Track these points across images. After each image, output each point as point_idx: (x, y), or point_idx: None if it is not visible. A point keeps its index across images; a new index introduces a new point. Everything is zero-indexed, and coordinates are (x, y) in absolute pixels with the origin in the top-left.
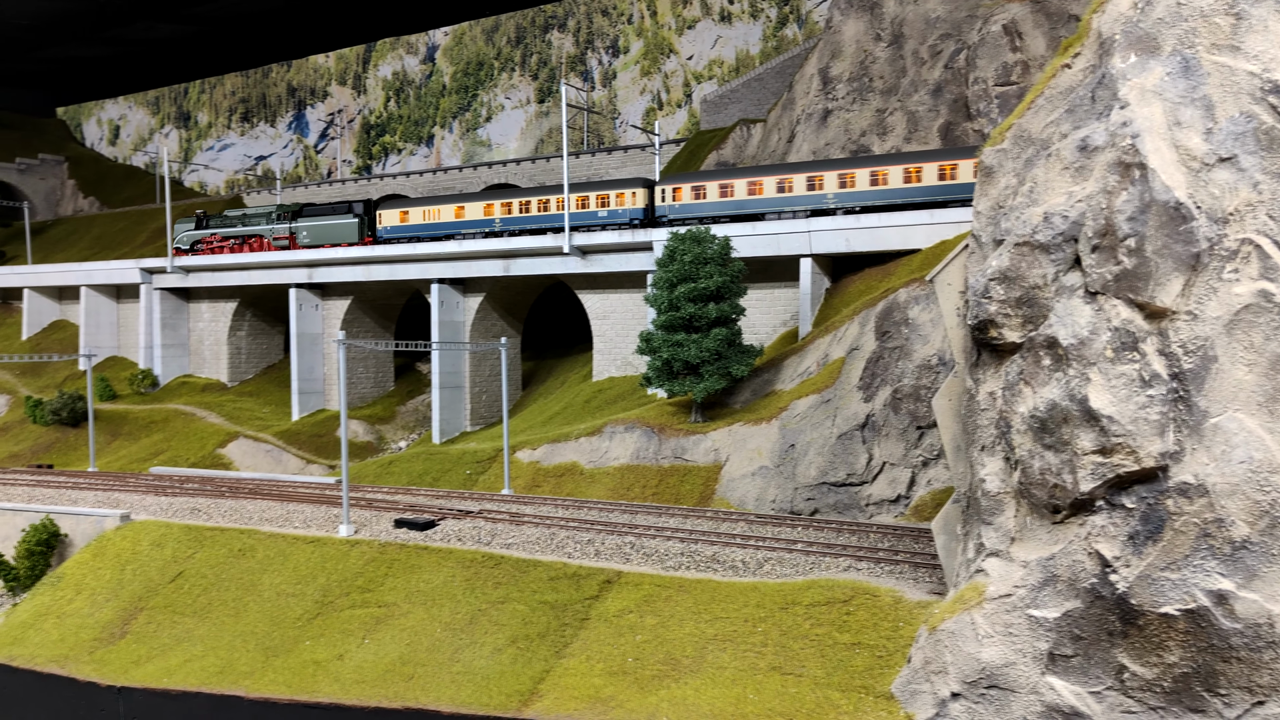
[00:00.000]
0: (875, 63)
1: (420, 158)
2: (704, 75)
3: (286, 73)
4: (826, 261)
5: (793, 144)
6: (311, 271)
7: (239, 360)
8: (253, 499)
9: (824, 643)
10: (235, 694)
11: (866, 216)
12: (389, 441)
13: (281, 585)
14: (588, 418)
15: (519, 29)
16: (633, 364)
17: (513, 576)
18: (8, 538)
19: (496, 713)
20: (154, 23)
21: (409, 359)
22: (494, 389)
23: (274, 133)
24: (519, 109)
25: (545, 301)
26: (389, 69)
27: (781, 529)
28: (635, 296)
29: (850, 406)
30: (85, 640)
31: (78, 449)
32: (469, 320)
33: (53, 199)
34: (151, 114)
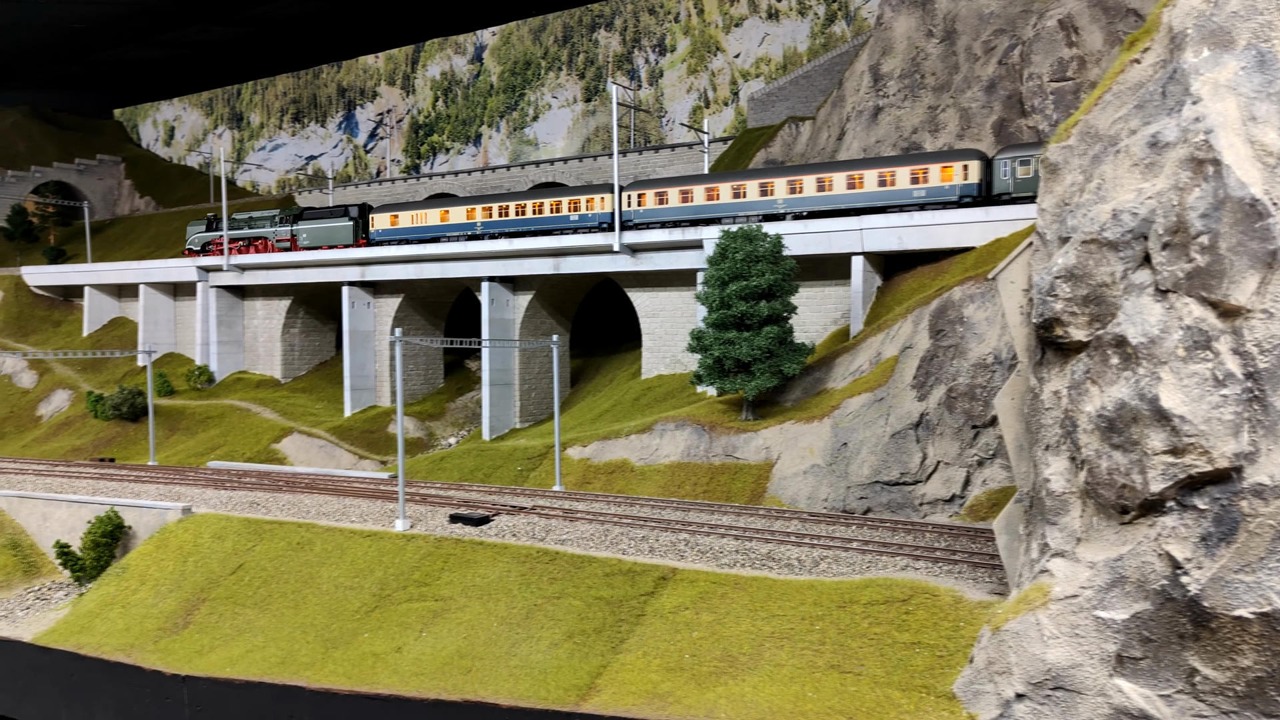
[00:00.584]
0: (927, 59)
1: (468, 157)
2: (751, 73)
3: (337, 73)
4: (878, 259)
5: (842, 141)
6: (364, 270)
7: (292, 357)
8: (309, 493)
9: (883, 641)
10: (297, 684)
11: (920, 214)
12: (439, 438)
13: (339, 578)
14: (637, 415)
15: (566, 28)
16: (682, 362)
17: (568, 572)
18: (74, 529)
19: (555, 706)
20: (208, 25)
21: (458, 356)
22: (543, 386)
23: (324, 133)
24: (565, 108)
25: (593, 299)
26: (437, 69)
27: (835, 527)
28: (684, 294)
29: (904, 405)
30: (150, 630)
31: (137, 443)
32: (519, 318)
33: (110, 199)
34: (205, 115)
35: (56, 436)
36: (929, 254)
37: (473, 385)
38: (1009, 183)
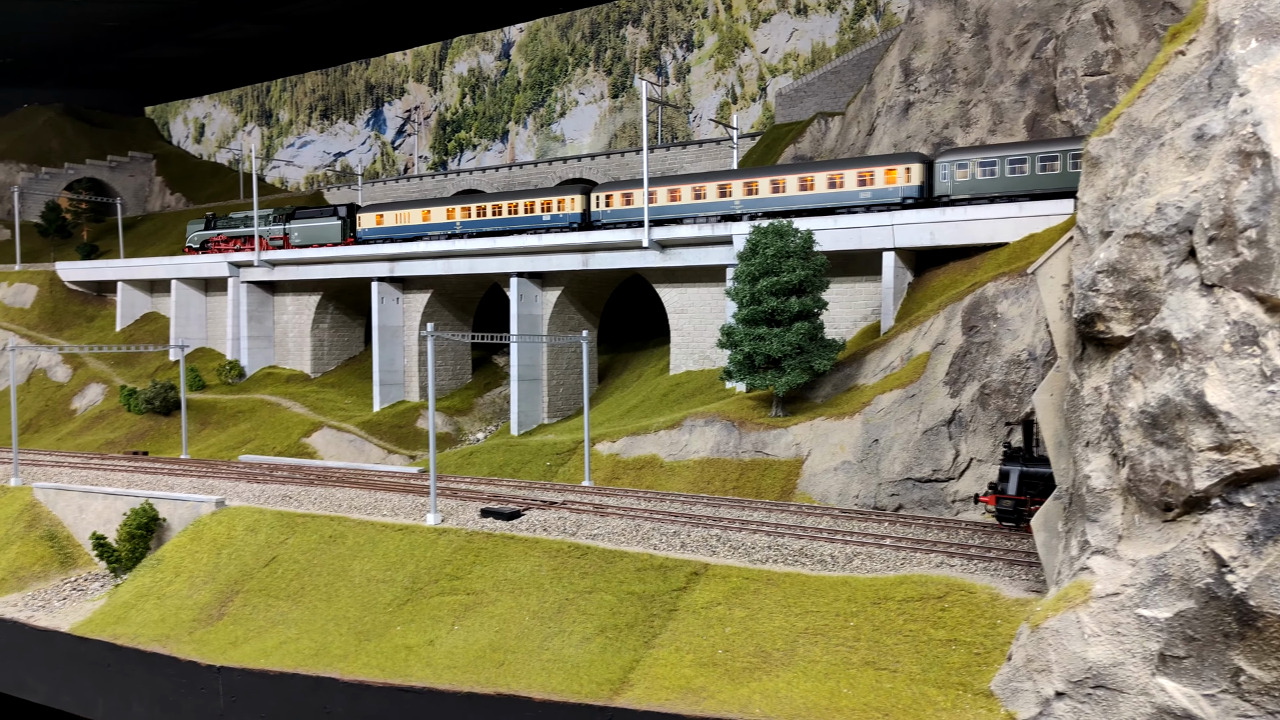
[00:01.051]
0: (959, 54)
1: (495, 153)
2: (779, 69)
3: (365, 70)
4: (909, 255)
5: (872, 137)
6: (393, 265)
7: (321, 352)
8: (341, 487)
9: (918, 639)
10: (330, 676)
11: (951, 209)
12: (467, 433)
13: (371, 571)
14: (666, 411)
15: (593, 24)
16: (710, 358)
17: (599, 567)
18: (109, 521)
19: (588, 700)
20: (239, 23)
21: (486, 352)
22: (570, 381)
23: (352, 130)
24: (593, 104)
25: (621, 295)
26: (465, 66)
27: (868, 524)
28: (714, 290)
29: (936, 402)
30: (185, 621)
31: (170, 436)
32: (547, 314)
33: (142, 195)
34: (235, 112)
35: (90, 430)
36: (961, 249)
37: (500, 381)
38: (948, 185)
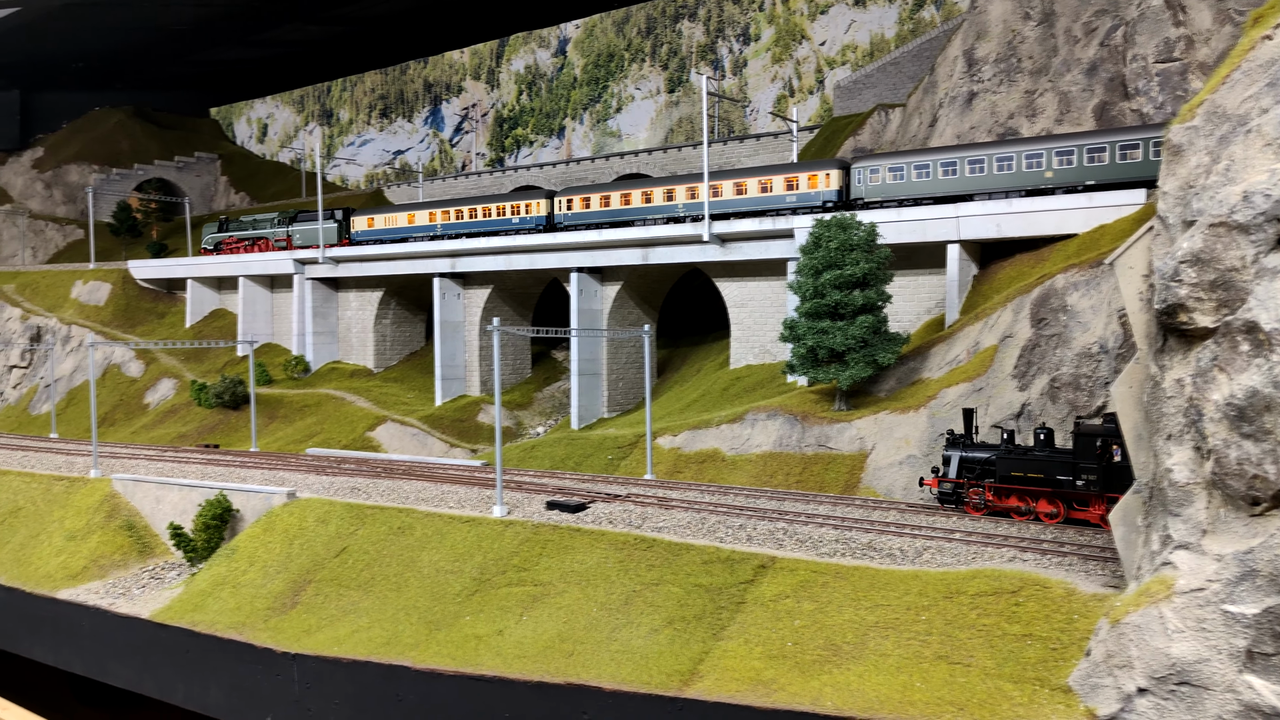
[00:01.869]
0: (1024, 42)
1: (551, 149)
2: (837, 61)
3: (423, 69)
4: (974, 248)
5: (934, 128)
6: (454, 261)
7: (384, 347)
8: (407, 479)
9: (992, 633)
10: (403, 664)
11: (1019, 201)
12: (527, 427)
13: (440, 562)
14: (727, 405)
15: (649, 20)
16: (771, 351)
17: (665, 559)
18: (185, 512)
19: (658, 691)
20: (302, 24)
21: (545, 347)
22: (630, 376)
23: (411, 128)
24: (648, 99)
25: (679, 289)
26: (521, 63)
27: (935, 518)
28: (774, 284)
29: (1004, 395)
30: (260, 609)
31: (238, 430)
32: (606, 308)
33: (207, 194)
34: (297, 112)
35: (163, 423)
36: (1027, 241)
37: (559, 375)
38: (862, 189)
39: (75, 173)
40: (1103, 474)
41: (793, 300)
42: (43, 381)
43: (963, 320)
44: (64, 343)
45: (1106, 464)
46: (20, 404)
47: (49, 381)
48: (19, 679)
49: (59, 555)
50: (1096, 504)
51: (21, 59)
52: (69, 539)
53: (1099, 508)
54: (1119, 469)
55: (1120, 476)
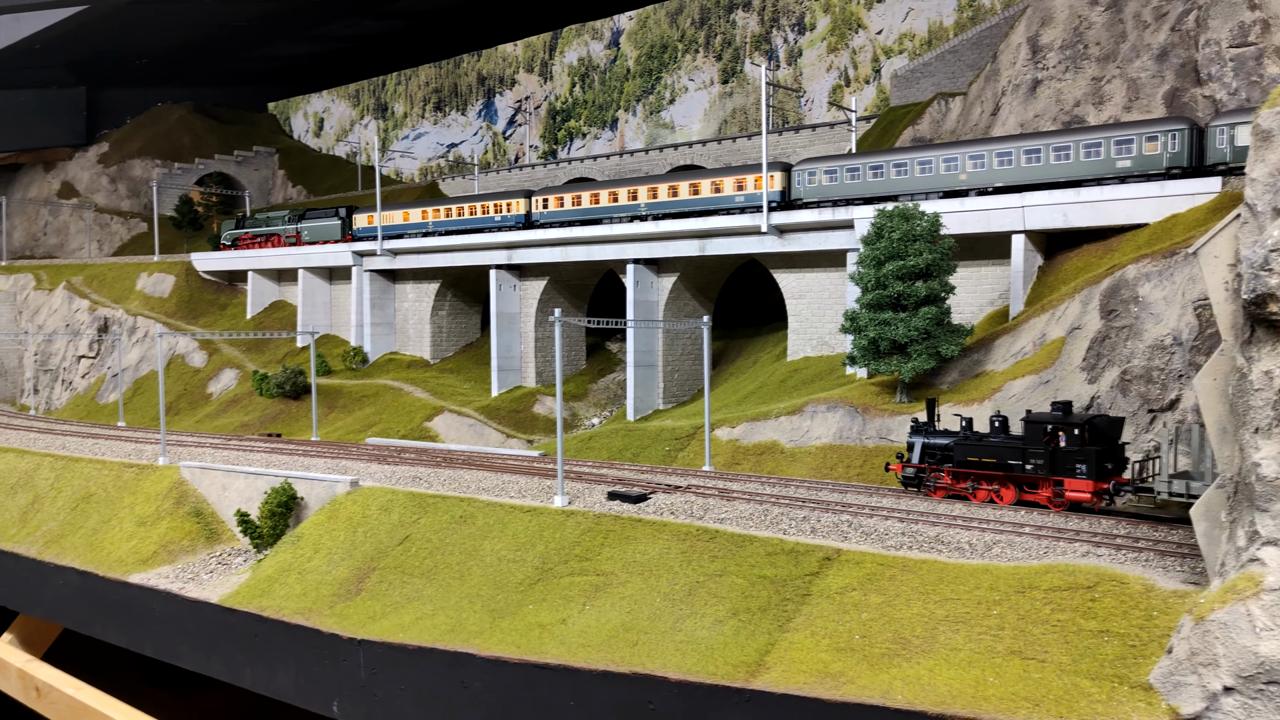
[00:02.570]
0: (1091, 28)
1: (604, 141)
2: (894, 49)
3: (477, 62)
4: (1040, 238)
5: (997, 116)
6: (511, 253)
7: (440, 338)
8: (468, 469)
9: (1067, 629)
10: (468, 651)
11: (1088, 190)
12: (582, 418)
13: (502, 551)
14: (784, 397)
15: (703, 10)
16: (829, 343)
17: (729, 550)
18: (251, 499)
19: (725, 682)
20: (357, 19)
21: (599, 338)
22: (685, 368)
23: (464, 121)
24: (702, 90)
25: (734, 280)
26: (574, 55)
27: (1003, 511)
28: (832, 275)
29: (1072, 388)
30: (325, 595)
31: (299, 419)
32: (662, 300)
33: (265, 188)
34: (352, 106)
35: (226, 413)
36: (1095, 231)
37: (614, 367)
38: (801, 190)
39: (139, 167)
40: (1049, 459)
41: (853, 291)
42: (110, 371)
43: (1028, 311)
44: (130, 333)
45: (1052, 450)
46: (89, 393)
47: (116, 371)
48: (90, 660)
49: (130, 540)
50: (1044, 486)
51: (88, 57)
52: (139, 525)
53: (1046, 490)
54: (1064, 454)
55: (1065, 461)
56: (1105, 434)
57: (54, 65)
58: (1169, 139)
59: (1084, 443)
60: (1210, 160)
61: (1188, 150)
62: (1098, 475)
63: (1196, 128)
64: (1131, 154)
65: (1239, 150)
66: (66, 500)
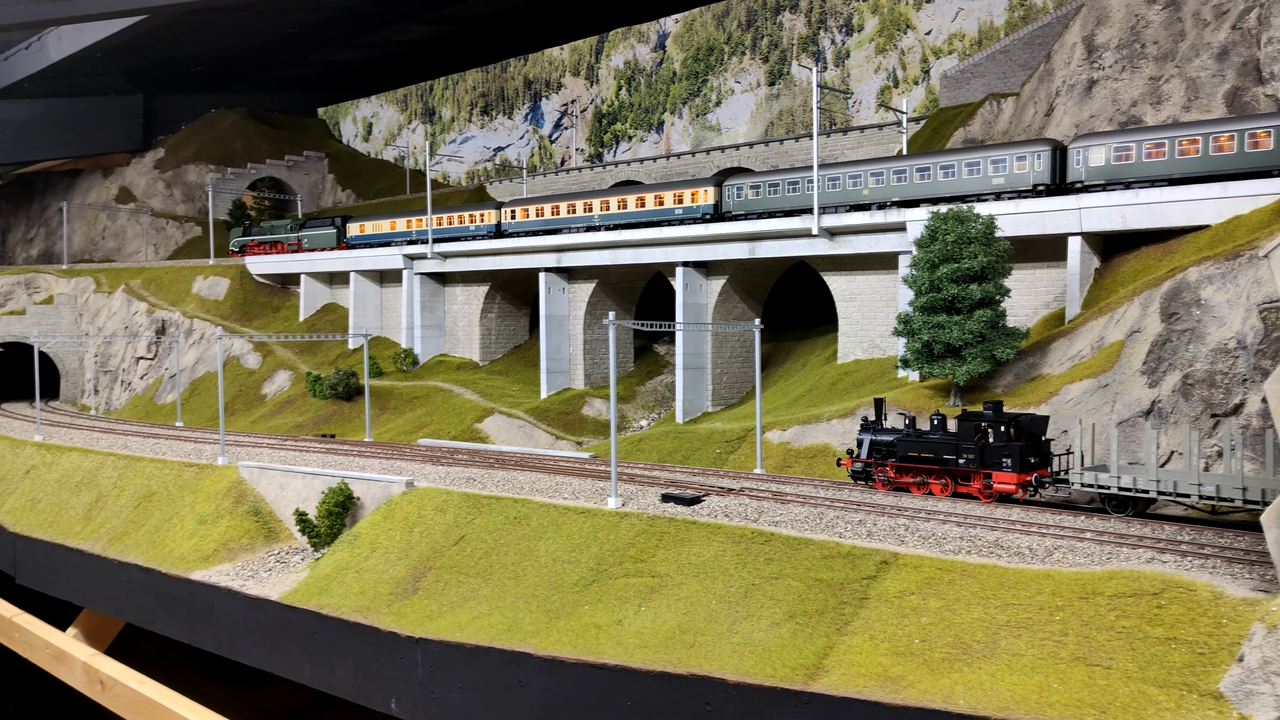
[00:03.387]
0: (1148, 27)
1: (650, 144)
2: (943, 50)
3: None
4: (1096, 240)
5: (1051, 117)
6: (559, 256)
7: (489, 341)
8: (520, 470)
9: (1133, 635)
10: (524, 650)
11: (1147, 191)
12: (630, 420)
13: (556, 552)
14: (835, 400)
15: (750, 12)
16: (880, 346)
17: (784, 553)
18: (308, 499)
19: (783, 684)
20: (406, 25)
21: (647, 340)
22: (734, 370)
23: (511, 124)
24: (748, 93)
25: (783, 282)
26: (621, 58)
27: (1063, 516)
28: (883, 277)
29: (1132, 392)
30: (383, 594)
31: (352, 420)
32: (711, 302)
33: (315, 192)
34: (400, 111)
35: (280, 414)
36: (1154, 233)
37: (661, 369)
38: (730, 203)
39: (193, 172)
40: (979, 454)
41: (905, 294)
42: (167, 372)
43: (1085, 314)
44: (186, 335)
45: (982, 446)
46: (147, 394)
47: (173, 372)
48: (150, 655)
49: (191, 538)
50: (975, 479)
51: (146, 64)
52: (200, 523)
53: (977, 482)
54: (992, 450)
55: (993, 456)
56: (1029, 431)
57: (113, 73)
58: (1035, 159)
59: (1010, 439)
60: (1070, 178)
61: (1050, 169)
62: (1021, 468)
63: (1059, 149)
64: (1005, 172)
65: (1093, 170)
66: (129, 499)
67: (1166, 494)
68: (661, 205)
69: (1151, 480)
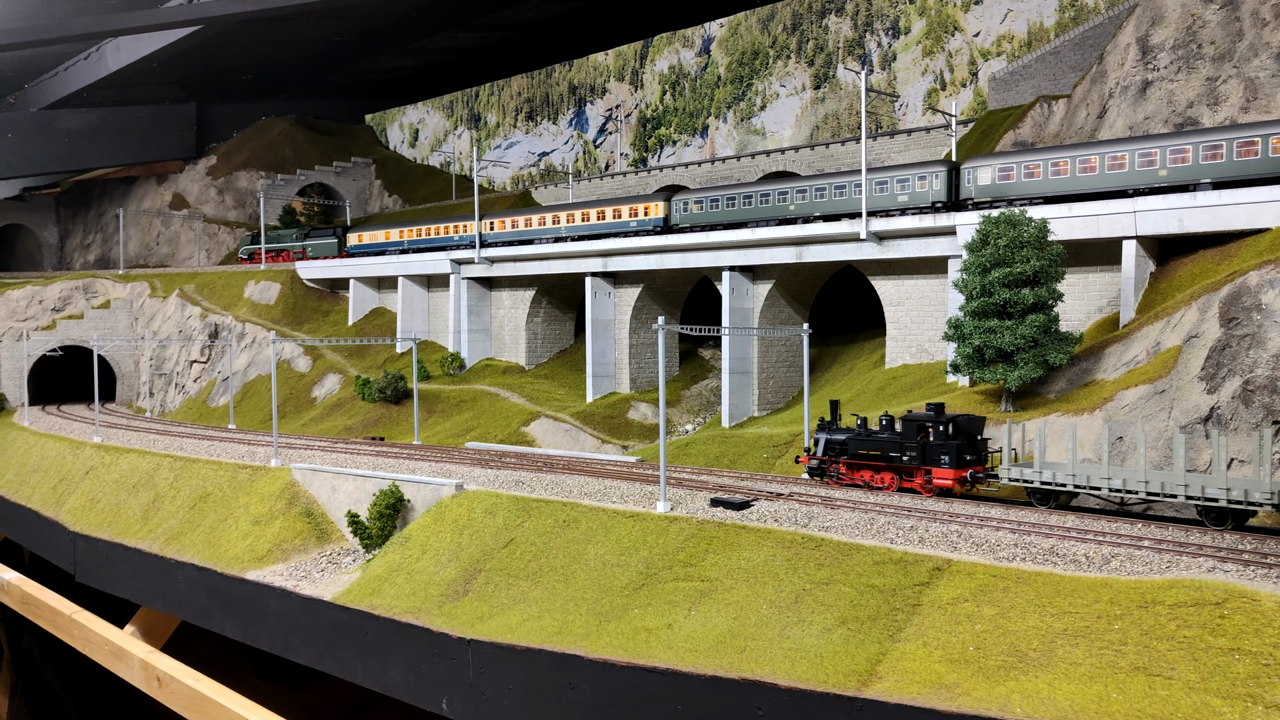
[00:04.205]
0: (1205, 27)
1: (695, 149)
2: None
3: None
4: (1152, 243)
5: (1104, 119)
6: (606, 261)
7: (535, 345)
8: (568, 474)
9: (1194, 646)
10: (575, 653)
11: (1204, 194)
12: (676, 425)
13: (605, 556)
14: (883, 405)
15: (795, 16)
16: (929, 351)
17: (835, 559)
18: (359, 501)
19: (836, 690)
20: (454, 32)
21: (692, 345)
22: (780, 375)
23: (555, 130)
24: (794, 96)
25: (829, 287)
26: (665, 63)
27: (1119, 524)
28: (932, 282)
29: (1190, 398)
30: (434, 595)
31: (400, 423)
32: (758, 307)
33: (363, 198)
34: (446, 117)
35: (330, 417)
36: (1213, 236)
37: (706, 374)
38: (678, 217)
39: (244, 179)
40: (921, 452)
41: (955, 298)
42: (220, 375)
43: (1140, 319)
44: (238, 339)
45: (924, 444)
46: (200, 396)
47: (226, 375)
48: (204, 652)
49: (245, 539)
50: (918, 474)
51: (199, 73)
52: (253, 524)
53: (919, 477)
54: (933, 448)
55: (933, 453)
56: (966, 431)
57: (168, 82)
58: (933, 178)
59: (948, 438)
60: (963, 195)
61: (947, 187)
62: (958, 465)
63: (954, 168)
64: (909, 190)
65: (981, 188)
66: (185, 499)
67: (1081, 488)
68: (619, 218)
69: (1069, 475)
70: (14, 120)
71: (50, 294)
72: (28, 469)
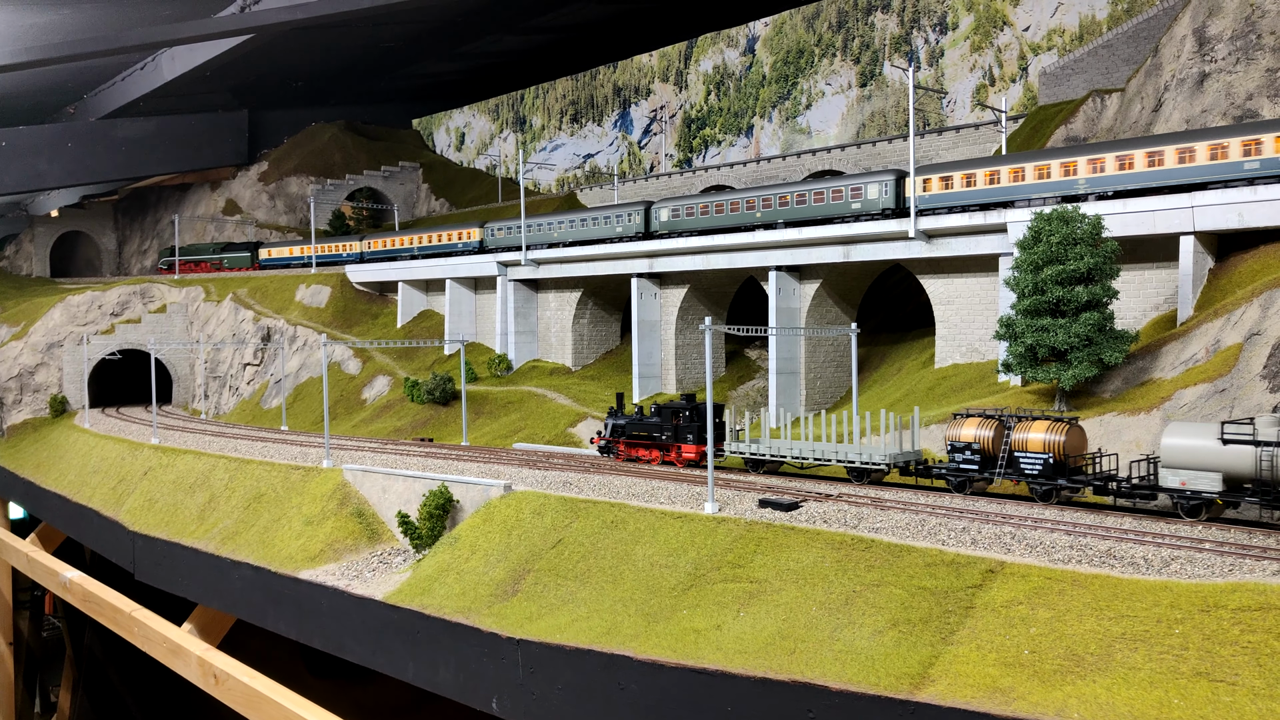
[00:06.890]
0: (1264, 17)
1: (740, 148)
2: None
3: (612, 74)
4: (1210, 239)
5: (1159, 113)
6: (652, 262)
7: (581, 346)
8: (616, 475)
9: (1260, 651)
10: (624, 654)
11: (1266, 188)
12: None
13: (654, 557)
14: (934, 405)
15: (840, 13)
16: (979, 350)
17: (885, 560)
18: (409, 501)
19: (888, 693)
20: (500, 36)
21: (738, 345)
22: (828, 375)
23: (600, 131)
24: (839, 94)
25: (877, 286)
26: (709, 63)
27: (1179, 526)
28: (982, 280)
29: (1252, 397)
30: (483, 595)
31: (448, 425)
32: (805, 306)
33: (410, 201)
34: (492, 120)
35: (379, 418)
36: (1273, 231)
37: (753, 374)
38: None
39: (295, 184)
40: (674, 432)
41: (1007, 296)
42: (272, 378)
43: (1199, 317)
44: (290, 342)
45: (675, 426)
46: (253, 398)
47: (278, 378)
48: (259, 650)
49: (298, 539)
50: (672, 450)
51: (250, 81)
52: (306, 524)
53: (674, 452)
54: (682, 429)
55: (682, 434)
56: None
57: (220, 90)
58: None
59: (692, 421)
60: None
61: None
62: (699, 442)
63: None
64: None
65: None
66: (240, 499)
67: (778, 457)
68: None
69: (766, 448)
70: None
71: (109, 299)
72: (88, 470)
